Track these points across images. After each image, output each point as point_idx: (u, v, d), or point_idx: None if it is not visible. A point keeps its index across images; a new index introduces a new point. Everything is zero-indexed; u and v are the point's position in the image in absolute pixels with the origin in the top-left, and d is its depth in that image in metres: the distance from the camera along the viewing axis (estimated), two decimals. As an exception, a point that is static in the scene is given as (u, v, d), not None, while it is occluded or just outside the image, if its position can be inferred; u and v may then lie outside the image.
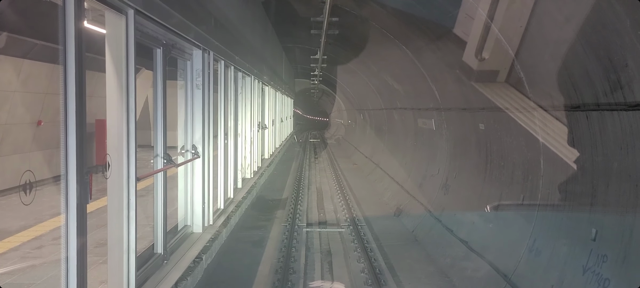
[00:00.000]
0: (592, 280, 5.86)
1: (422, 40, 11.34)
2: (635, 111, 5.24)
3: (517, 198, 8.45)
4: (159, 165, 6.44)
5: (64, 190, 3.90)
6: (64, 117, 3.85)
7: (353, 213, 14.04)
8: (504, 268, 7.85)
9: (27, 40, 12.04)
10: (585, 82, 6.04)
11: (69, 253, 3.90)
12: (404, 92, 16.53)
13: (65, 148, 3.88)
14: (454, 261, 9.38)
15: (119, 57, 4.91)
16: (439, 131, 13.41)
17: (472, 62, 8.65)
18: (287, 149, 31.98)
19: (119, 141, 4.96)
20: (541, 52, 6.96)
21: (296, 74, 37.12)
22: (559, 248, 6.76)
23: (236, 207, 10.85)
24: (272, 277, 8.79)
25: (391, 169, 18.91)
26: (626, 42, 5.10)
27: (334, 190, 18.28)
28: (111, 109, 4.94)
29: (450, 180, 12.25)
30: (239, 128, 12.70)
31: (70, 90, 3.84)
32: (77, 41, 3.85)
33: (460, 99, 10.97)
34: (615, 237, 5.69)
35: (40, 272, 6.77)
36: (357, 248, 10.58)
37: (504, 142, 9.10)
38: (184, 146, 7.87)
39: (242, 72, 12.67)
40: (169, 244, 6.83)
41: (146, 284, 5.70)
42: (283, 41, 23.34)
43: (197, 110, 7.93)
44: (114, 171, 4.91)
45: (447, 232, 10.54)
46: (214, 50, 8.62)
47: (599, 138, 6.01)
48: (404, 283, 8.68)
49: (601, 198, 6.09)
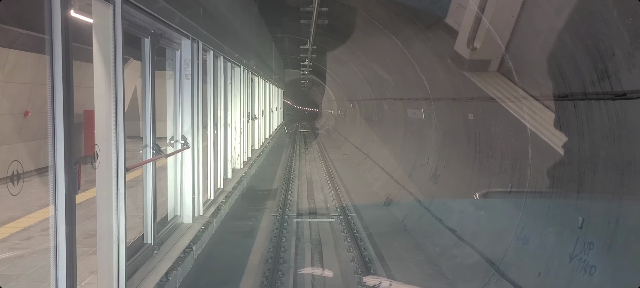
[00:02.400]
0: (578, 267, 5.93)
1: (412, 29, 11.35)
2: (622, 100, 5.30)
3: (505, 187, 8.53)
4: (148, 155, 6.41)
5: (52, 180, 3.88)
6: (52, 108, 3.82)
7: (343, 203, 14.08)
8: (492, 256, 7.92)
9: (12, 29, 11.88)
10: (574, 71, 6.09)
11: (58, 243, 3.89)
12: (393, 82, 16.55)
13: (53, 138, 3.85)
14: (443, 250, 9.45)
15: (106, 47, 4.87)
16: (428, 121, 13.46)
17: (464, 52, 8.66)
18: (277, 140, 31.96)
19: (108, 131, 4.93)
20: (530, 42, 7.00)
21: (286, 65, 37.01)
22: (547, 236, 6.84)
23: (226, 198, 10.84)
24: (263, 266, 8.81)
25: (381, 159, 18.97)
26: (614, 32, 5.13)
27: (324, 181, 18.31)
28: (99, 99, 4.90)
29: (439, 169, 12.31)
30: (229, 118, 12.66)
31: (57, 80, 3.81)
32: (64, 31, 3.81)
33: (450, 89, 11.01)
34: (601, 225, 5.76)
35: (30, 263, 6.73)
36: (347, 237, 10.62)
37: (493, 131, 9.16)
38: (173, 137, 7.83)
39: (232, 62, 12.61)
40: (159, 235, 6.82)
41: (136, 274, 5.70)
42: (273, 31, 23.24)
43: (186, 101, 7.90)
44: (102, 161, 4.88)
45: (436, 221, 10.61)
46: (203, 40, 8.57)
47: (586, 127, 6.07)
48: (394, 271, 8.74)
49: (588, 187, 6.16)
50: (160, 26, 6.51)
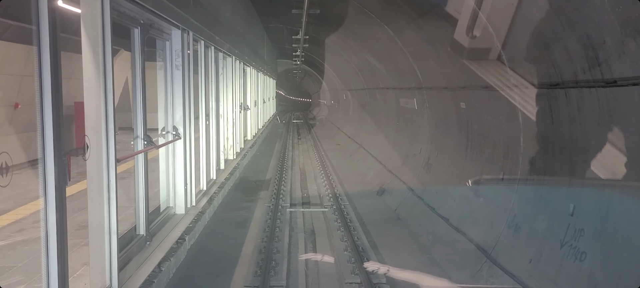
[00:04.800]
0: (569, 253, 5.98)
1: (404, 18, 11.32)
2: (612, 87, 5.32)
3: (497, 175, 8.56)
4: (139, 146, 6.38)
5: (41, 172, 3.85)
6: (40, 99, 3.79)
7: (336, 193, 14.10)
8: (484, 244, 7.97)
9: (1, 21, 11.77)
10: (565, 59, 6.10)
11: (49, 235, 3.87)
12: (386, 71, 16.54)
13: (42, 130, 3.82)
14: (435, 238, 9.50)
15: (95, 37, 4.83)
16: (421, 110, 13.47)
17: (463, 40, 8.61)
18: (270, 130, 31.91)
19: (98, 122, 4.90)
20: (522, 30, 6.99)
21: (278, 55, 36.88)
22: (538, 224, 6.88)
23: (219, 188, 10.83)
24: (256, 256, 8.82)
25: (374, 149, 18.99)
26: (604, 19, 5.14)
27: (317, 171, 18.32)
28: (89, 90, 4.87)
29: (432, 158, 12.34)
30: (221, 109, 12.62)
31: (45, 71, 3.77)
32: (51, 21, 3.77)
33: (442, 78, 11.01)
34: (592, 212, 5.80)
35: (22, 255, 6.71)
36: (340, 227, 10.64)
37: (485, 120, 9.18)
38: (164, 128, 7.80)
39: (223, 53, 12.55)
40: (152, 226, 6.81)
41: (129, 265, 5.69)
42: (264, 21, 23.13)
43: (178, 91, 7.86)
44: (93, 153, 4.85)
45: (429, 209, 10.65)
46: (194, 30, 8.51)
47: (577, 115, 6.09)
48: (387, 260, 8.77)
49: (579, 174, 6.20)
50: (149, 16, 6.46)
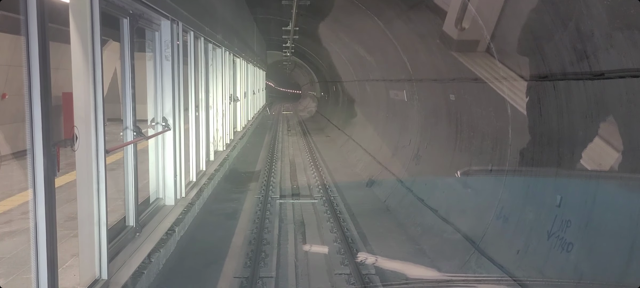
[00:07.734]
0: (556, 244, 6.05)
1: (394, 10, 11.33)
2: (600, 80, 5.37)
3: (486, 166, 8.63)
4: (129, 137, 6.36)
5: (30, 163, 3.84)
6: (28, 90, 3.77)
7: (326, 184, 14.13)
8: (472, 234, 8.04)
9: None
10: (553, 52, 6.15)
11: (38, 226, 3.86)
12: (376, 63, 16.56)
13: (31, 121, 3.80)
14: (424, 229, 9.56)
15: (83, 27, 4.80)
16: (410, 102, 13.51)
17: (452, 32, 8.62)
18: (260, 122, 31.86)
19: (87, 113, 4.88)
20: (511, 23, 7.03)
21: (268, 46, 36.75)
22: (526, 215, 6.95)
23: (209, 180, 10.82)
24: (246, 248, 8.83)
25: (364, 141, 19.03)
26: (593, 12, 5.18)
27: (307, 162, 18.33)
28: (77, 81, 4.84)
29: (421, 150, 12.40)
30: (211, 100, 12.57)
31: (33, 61, 3.75)
32: (40, 11, 3.75)
33: (432, 70, 11.05)
34: (578, 203, 5.87)
35: (10, 246, 6.67)
36: (330, 218, 10.68)
37: (474, 112, 9.23)
38: (154, 119, 7.77)
39: (213, 44, 12.50)
40: (141, 217, 6.80)
41: (118, 256, 5.68)
42: (254, 12, 23.03)
43: (167, 82, 7.83)
44: (82, 144, 4.83)
45: (418, 201, 10.71)
46: (183, 21, 8.47)
47: (565, 107, 6.15)
48: (376, 250, 8.82)
49: (567, 166, 6.26)
50: (138, 6, 6.42)
